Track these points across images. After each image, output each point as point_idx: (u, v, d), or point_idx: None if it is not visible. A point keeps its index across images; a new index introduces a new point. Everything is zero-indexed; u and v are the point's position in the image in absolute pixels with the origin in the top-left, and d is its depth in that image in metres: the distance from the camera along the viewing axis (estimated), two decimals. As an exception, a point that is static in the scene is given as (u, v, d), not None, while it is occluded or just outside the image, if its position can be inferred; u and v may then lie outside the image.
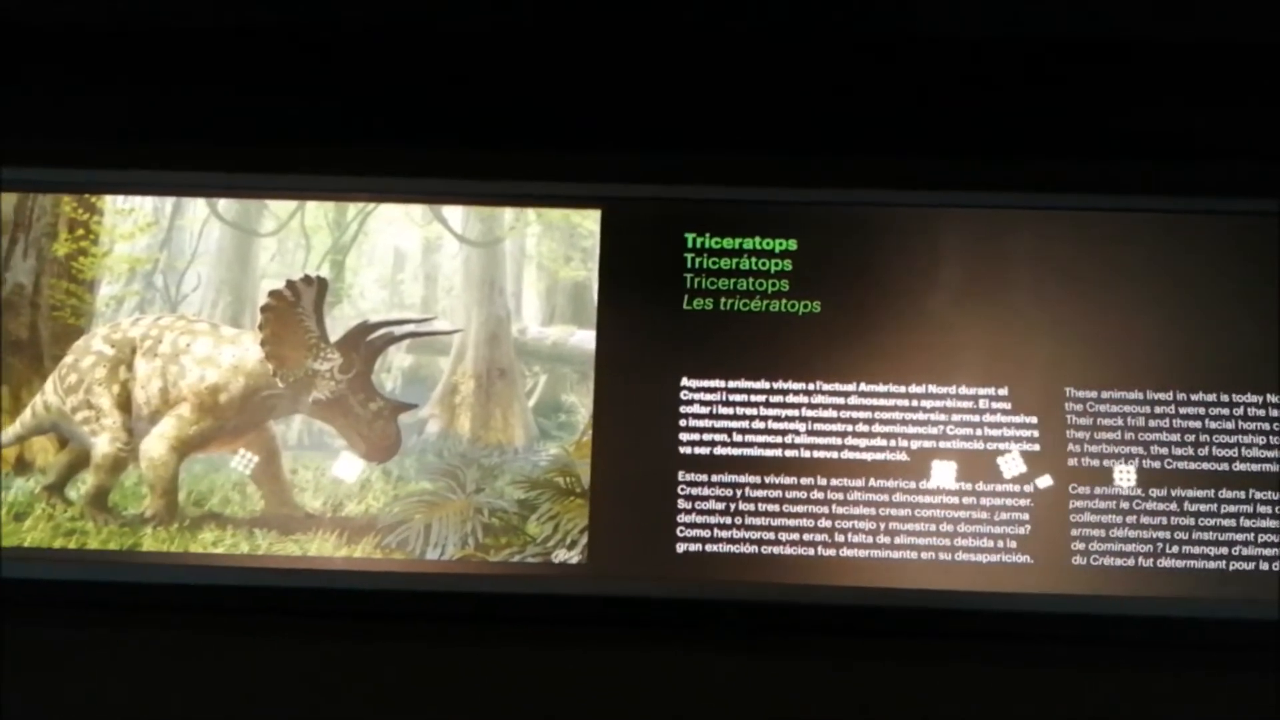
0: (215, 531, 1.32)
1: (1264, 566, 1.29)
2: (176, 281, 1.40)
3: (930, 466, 1.32)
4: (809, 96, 1.40)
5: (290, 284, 1.39)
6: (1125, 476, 1.31)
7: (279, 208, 1.41)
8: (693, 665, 1.28)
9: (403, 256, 1.40)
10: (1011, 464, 1.32)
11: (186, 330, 1.38)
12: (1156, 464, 1.32)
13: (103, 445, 1.35)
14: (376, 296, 1.39)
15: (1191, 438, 1.33)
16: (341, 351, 1.37)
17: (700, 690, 1.28)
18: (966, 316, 1.36)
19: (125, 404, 1.36)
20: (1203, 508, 1.31)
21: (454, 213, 1.41)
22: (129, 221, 1.41)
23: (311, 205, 1.41)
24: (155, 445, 1.35)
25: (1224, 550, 1.30)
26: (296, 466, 1.35)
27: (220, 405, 1.36)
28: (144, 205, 1.41)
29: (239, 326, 1.38)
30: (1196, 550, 1.30)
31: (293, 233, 1.40)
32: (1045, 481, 1.30)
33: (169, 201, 1.42)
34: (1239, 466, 1.32)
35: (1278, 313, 1.36)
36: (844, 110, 1.42)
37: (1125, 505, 1.31)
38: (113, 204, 1.41)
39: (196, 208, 1.42)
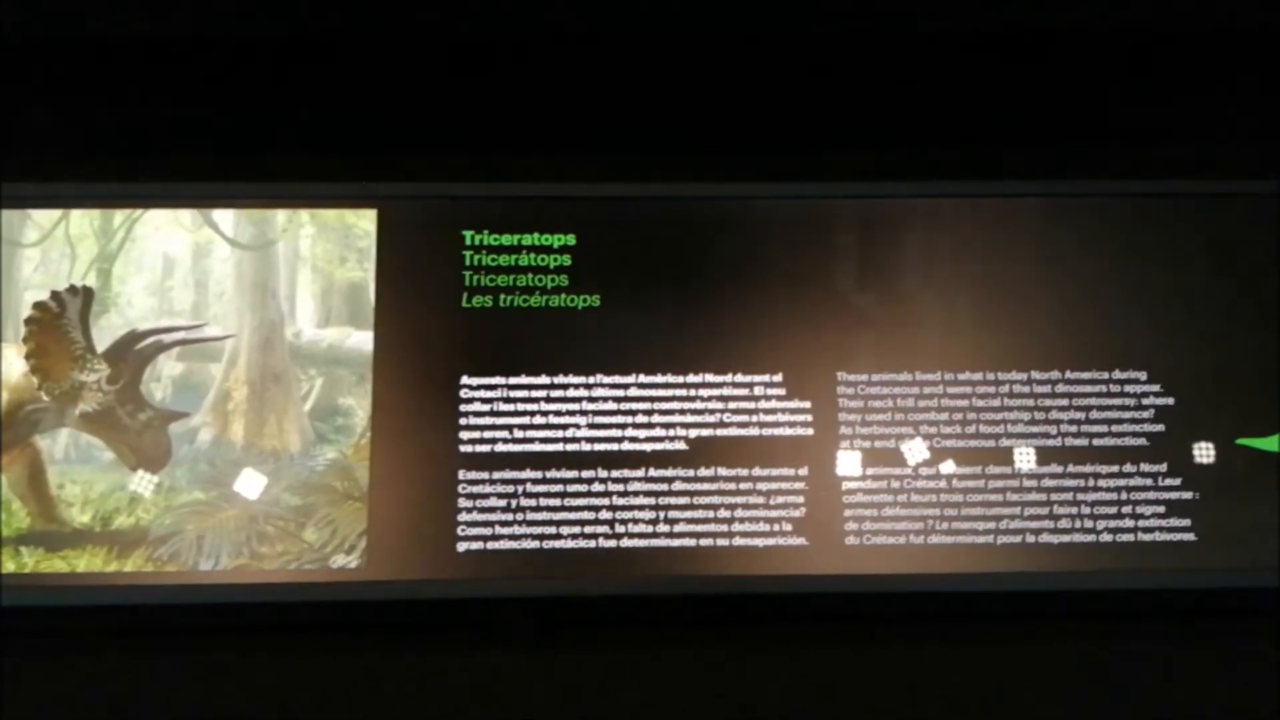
0: (-22, 552, 1.28)
1: (1030, 539, 1.33)
2: (-64, 296, 1.35)
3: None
4: (582, 92, 1.40)
5: (55, 295, 1.35)
6: (895, 456, 1.34)
7: (42, 217, 1.37)
8: (477, 664, 1.27)
9: (172, 262, 1.37)
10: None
11: (-54, 346, 1.33)
12: (926, 443, 1.35)
13: None
14: (145, 304, 1.35)
15: (959, 416, 1.36)
16: (109, 362, 1.34)
17: (487, 689, 1.27)
18: (742, 306, 1.38)
19: (-120, 425, 1.31)
20: (971, 484, 1.34)
21: (225, 216, 1.38)
22: (-117, 235, 1.35)
23: (76, 213, 1.37)
24: (-86, 466, 1.30)
25: (991, 525, 1.33)
26: (64, 481, 1.31)
27: (-18, 422, 1.31)
28: (-102, 219, 1.36)
29: (1, 340, 1.34)
30: (965, 526, 1.33)
31: (57, 242, 1.36)
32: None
33: (-74, 214, 1.37)
34: (1004, 442, 1.35)
35: (1041, 293, 1.39)
36: (620, 105, 1.42)
37: (896, 484, 1.33)
38: None
39: (-45, 219, 1.37)
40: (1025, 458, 1.34)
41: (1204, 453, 1.35)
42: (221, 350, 1.35)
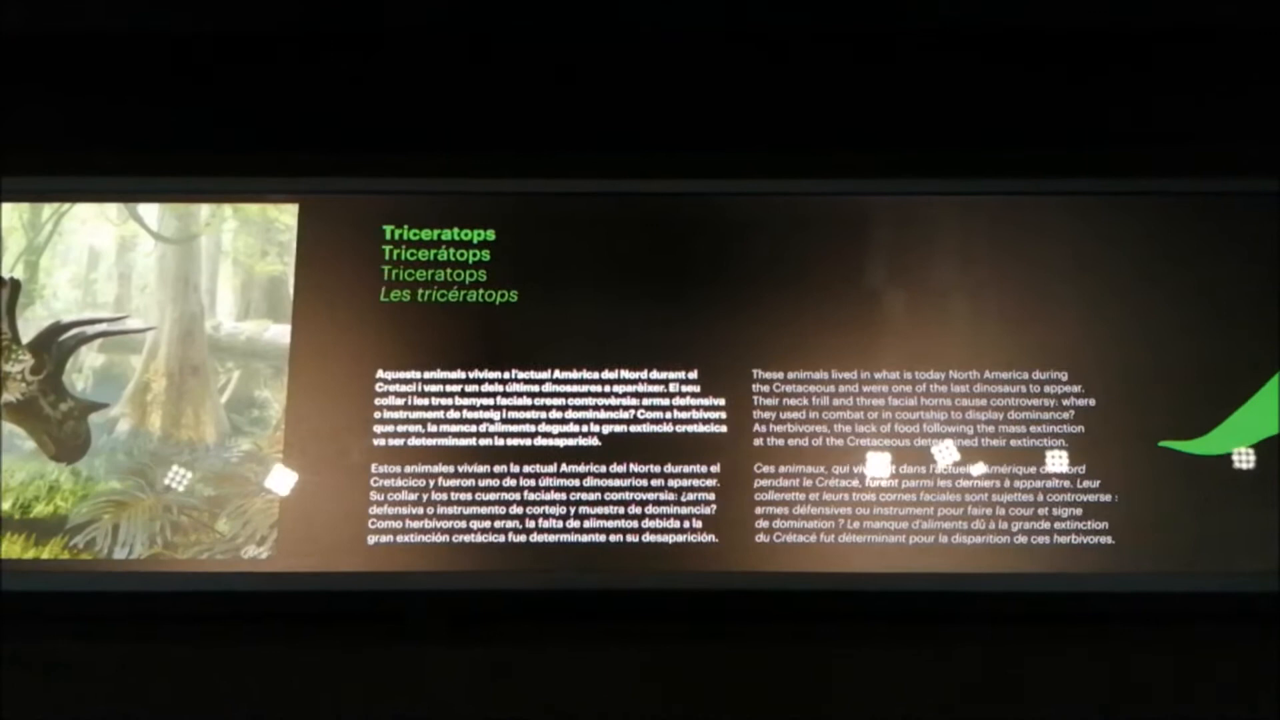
0: (-100, 538, 1.30)
1: (943, 540, 1.31)
2: None
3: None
4: (502, 89, 1.41)
5: (-17, 286, 1.38)
6: (808, 454, 1.33)
7: (-28, 210, 1.39)
8: (384, 657, 1.28)
9: (97, 255, 1.39)
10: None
11: (-123, 336, 1.36)
12: (839, 441, 1.34)
13: None
14: (70, 296, 1.38)
15: (875, 415, 1.34)
16: (33, 353, 1.36)
17: (395, 682, 1.27)
18: (658, 303, 1.38)
19: None
20: (884, 483, 1.32)
21: (150, 210, 1.40)
22: None
23: (6, 206, 1.39)
24: None
25: (904, 525, 1.31)
26: (-15, 470, 1.33)
27: (-91, 411, 1.34)
28: None
29: (-72, 330, 1.36)
30: (878, 525, 1.32)
31: (-13, 234, 1.39)
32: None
33: None
34: (920, 442, 1.34)
35: (961, 292, 1.38)
36: (540, 102, 1.43)
37: (809, 483, 1.32)
38: None
39: (-109, 212, 1.40)
40: (941, 457, 1.33)
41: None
42: (142, 342, 1.37)
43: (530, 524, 1.32)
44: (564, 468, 1.34)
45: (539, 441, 1.34)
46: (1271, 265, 1.37)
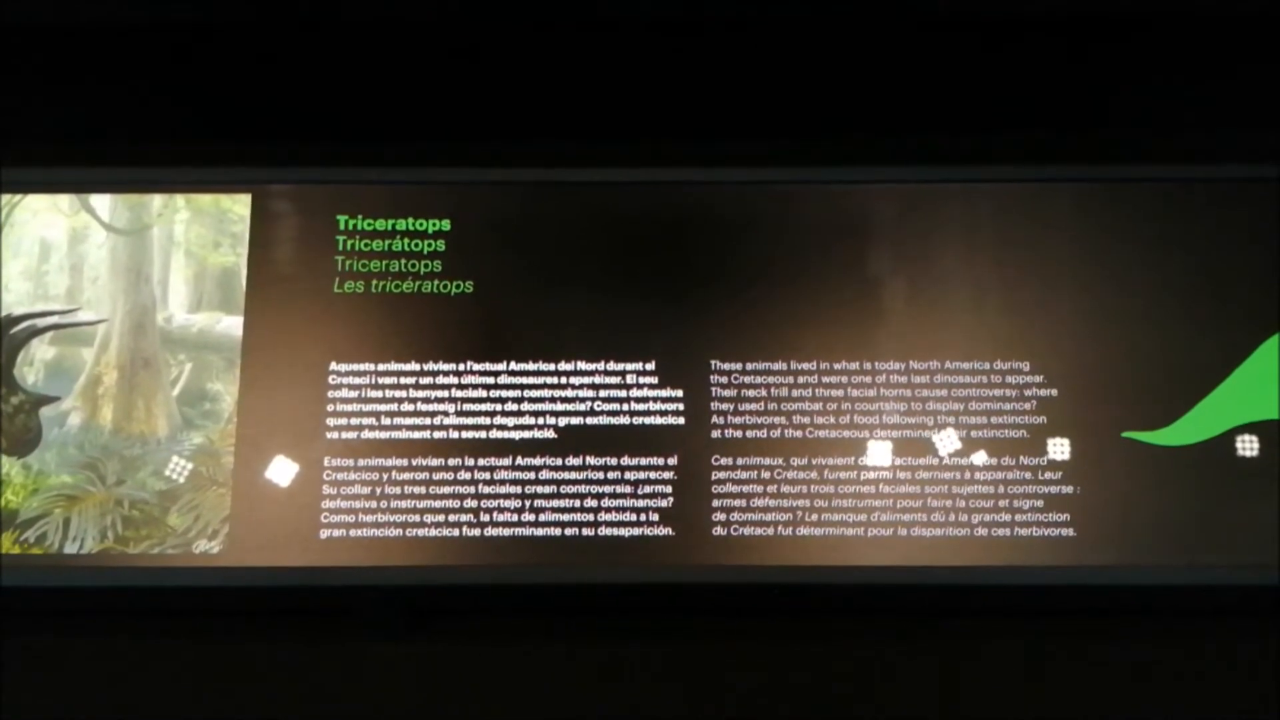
0: None
1: (901, 533, 1.30)
2: None
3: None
4: (457, 80, 1.39)
5: (-66, 279, 1.36)
6: (765, 446, 1.31)
7: (-78, 201, 1.38)
8: (334, 652, 1.27)
9: (49, 247, 1.37)
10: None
11: None
12: (798, 433, 1.32)
13: None
14: (21, 289, 1.36)
15: (834, 405, 1.33)
16: (-17, 346, 1.34)
17: (348, 677, 1.26)
18: (615, 293, 1.36)
19: None
20: (843, 475, 1.31)
21: (102, 201, 1.39)
22: None
23: (-44, 198, 1.38)
24: None
25: (863, 517, 1.30)
26: (-64, 464, 1.32)
27: None
28: None
29: (-122, 324, 1.35)
30: (836, 517, 1.30)
31: (-63, 227, 1.37)
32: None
33: None
34: (880, 433, 1.32)
35: (922, 281, 1.36)
36: (497, 91, 1.41)
37: (766, 475, 1.31)
38: None
39: None
40: (901, 449, 1.31)
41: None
42: (94, 335, 1.36)
43: (485, 518, 1.31)
44: (519, 460, 1.32)
45: (494, 434, 1.33)
46: (1246, 256, 1.34)
